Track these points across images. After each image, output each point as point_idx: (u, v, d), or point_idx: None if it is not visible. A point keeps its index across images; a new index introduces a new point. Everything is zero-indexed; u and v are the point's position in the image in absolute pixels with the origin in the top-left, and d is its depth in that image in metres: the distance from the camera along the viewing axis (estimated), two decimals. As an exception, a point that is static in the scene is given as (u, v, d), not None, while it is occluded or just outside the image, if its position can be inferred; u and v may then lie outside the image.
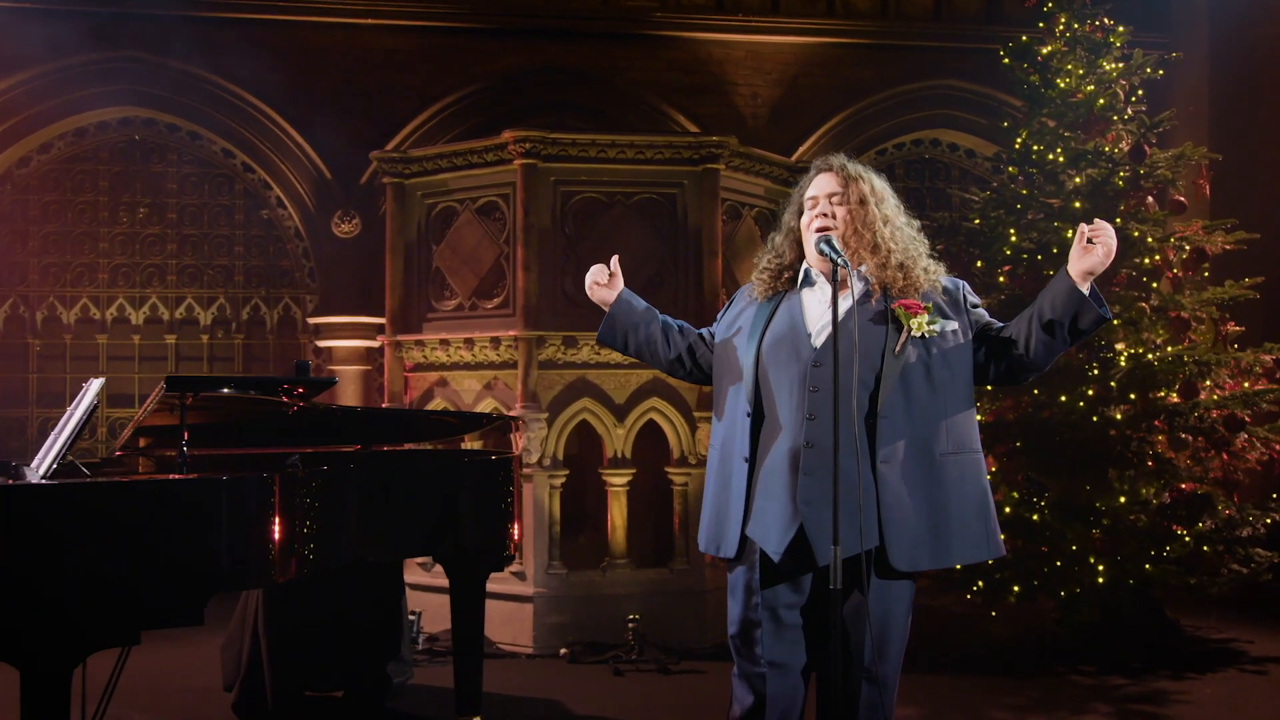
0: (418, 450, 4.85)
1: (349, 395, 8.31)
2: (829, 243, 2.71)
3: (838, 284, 2.67)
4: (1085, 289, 2.60)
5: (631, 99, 8.57)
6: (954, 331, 2.71)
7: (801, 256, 2.86)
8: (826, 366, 2.65)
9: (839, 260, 2.69)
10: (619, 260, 3.06)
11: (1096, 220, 2.62)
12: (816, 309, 2.78)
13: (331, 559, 3.47)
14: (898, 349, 2.62)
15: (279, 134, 8.28)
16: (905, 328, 2.64)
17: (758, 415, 2.76)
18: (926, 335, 2.65)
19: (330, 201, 8.28)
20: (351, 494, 3.61)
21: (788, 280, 2.87)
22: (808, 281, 2.83)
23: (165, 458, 4.16)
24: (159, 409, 3.35)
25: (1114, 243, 2.58)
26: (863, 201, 2.74)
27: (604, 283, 2.96)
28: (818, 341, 2.76)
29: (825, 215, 2.77)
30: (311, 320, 8.44)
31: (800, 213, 2.84)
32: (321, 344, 8.41)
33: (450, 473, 4.06)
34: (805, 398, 2.69)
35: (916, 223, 2.86)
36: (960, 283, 2.77)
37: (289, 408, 3.50)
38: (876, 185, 2.79)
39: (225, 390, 3.28)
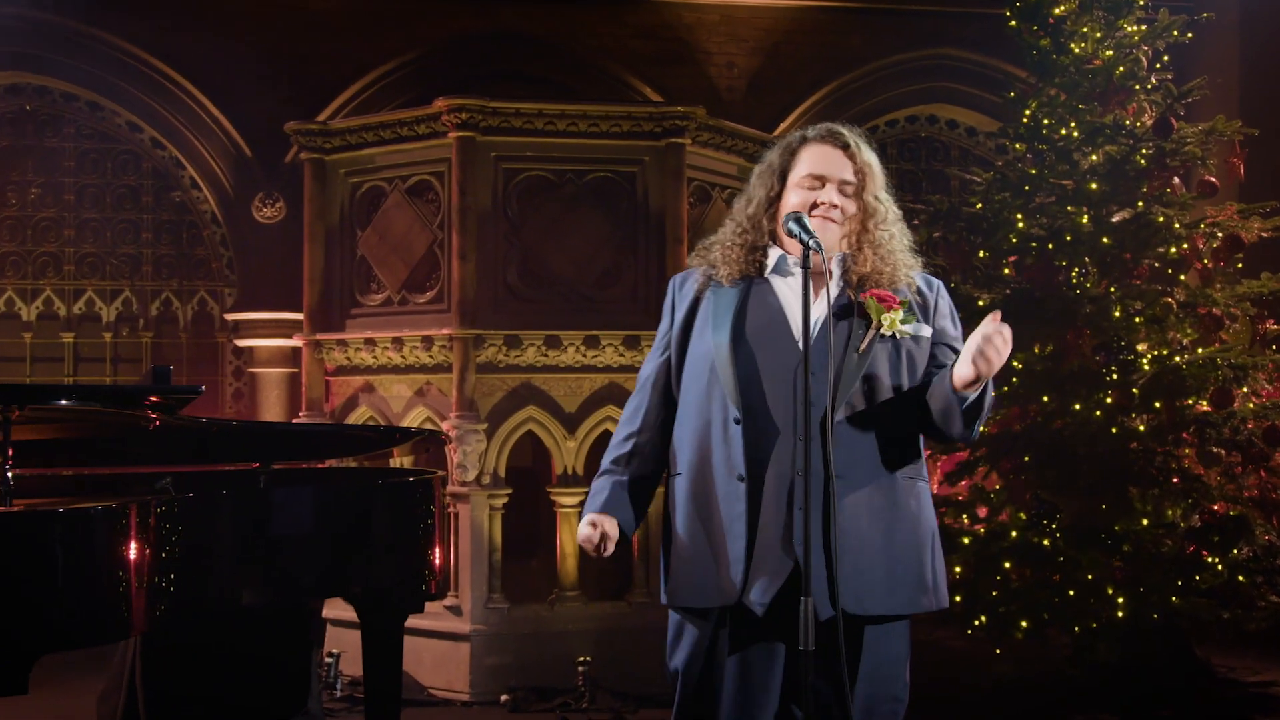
0: (318, 470, 4.62)
1: (272, 401, 8.13)
2: (799, 221, 2.55)
3: (809, 271, 2.53)
4: (958, 396, 2.50)
5: (592, 69, 8.44)
6: (926, 338, 2.62)
7: (775, 237, 2.70)
8: (818, 376, 2.51)
9: (810, 243, 2.51)
10: (571, 246, 2.90)
11: (998, 321, 2.42)
12: (793, 303, 2.62)
13: (198, 607, 3.12)
14: (863, 345, 2.53)
15: (193, 106, 8.09)
16: (875, 322, 2.55)
17: (747, 424, 2.56)
18: (897, 335, 2.56)
19: (251, 183, 8.10)
20: (226, 525, 3.33)
21: (758, 263, 2.68)
22: (782, 269, 2.67)
23: (46, 477, 3.82)
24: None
25: (1003, 357, 2.45)
26: (877, 197, 2.64)
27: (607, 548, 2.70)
28: (804, 343, 2.57)
29: (835, 207, 2.61)
30: (230, 316, 8.26)
31: (784, 178, 2.66)
32: (241, 343, 8.22)
33: (356, 498, 3.80)
34: (796, 413, 2.52)
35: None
36: (937, 284, 2.62)
37: (148, 422, 3.12)
38: (878, 168, 2.68)
39: (63, 402, 2.89)
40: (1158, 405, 5.52)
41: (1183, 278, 5.81)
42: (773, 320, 2.62)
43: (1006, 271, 6.10)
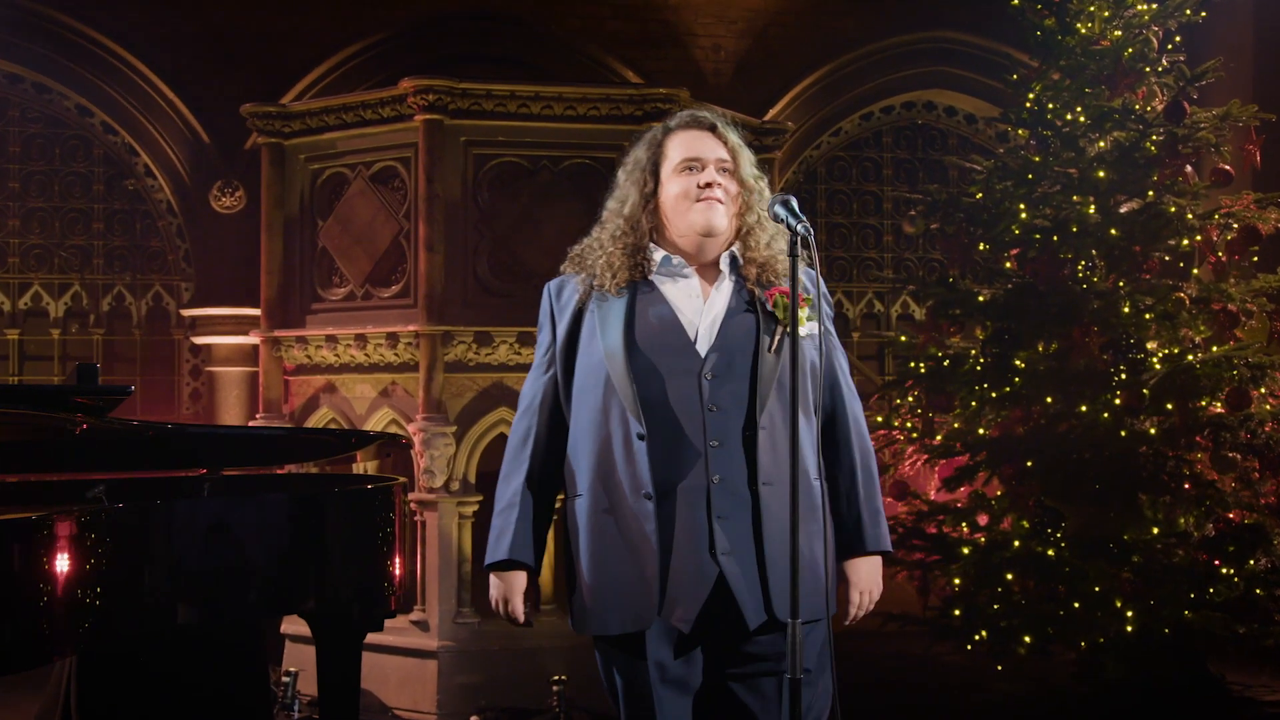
0: (269, 477, 4.51)
1: (232, 402, 8.05)
2: (788, 205, 2.50)
3: (796, 261, 2.46)
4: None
5: (570, 51, 8.37)
6: (824, 334, 2.68)
7: (656, 236, 2.71)
8: (723, 379, 2.56)
9: (799, 229, 2.45)
10: (546, 237, 2.99)
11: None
12: (686, 304, 2.65)
13: (129, 627, 3.00)
14: (773, 346, 2.59)
15: (146, 89, 7.98)
16: (783, 320, 2.59)
17: (651, 438, 2.58)
18: (802, 334, 2.56)
19: (209, 171, 8.01)
20: (161, 538, 3.19)
21: (643, 266, 2.68)
22: (668, 270, 2.67)
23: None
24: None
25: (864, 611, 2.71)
26: (755, 178, 2.70)
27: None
28: (703, 346, 2.62)
29: (719, 186, 2.66)
30: (186, 312, 8.18)
31: (657, 174, 2.68)
32: (199, 340, 8.13)
33: (308, 507, 3.67)
34: (704, 420, 2.55)
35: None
36: (815, 275, 2.62)
37: (74, 426, 2.96)
38: (747, 149, 2.74)
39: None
40: (1169, 407, 5.48)
41: (1195, 271, 5.77)
42: (666, 325, 2.63)
43: (1008, 265, 6.06)
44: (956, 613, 5.57)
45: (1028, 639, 5.44)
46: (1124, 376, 5.49)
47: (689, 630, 2.54)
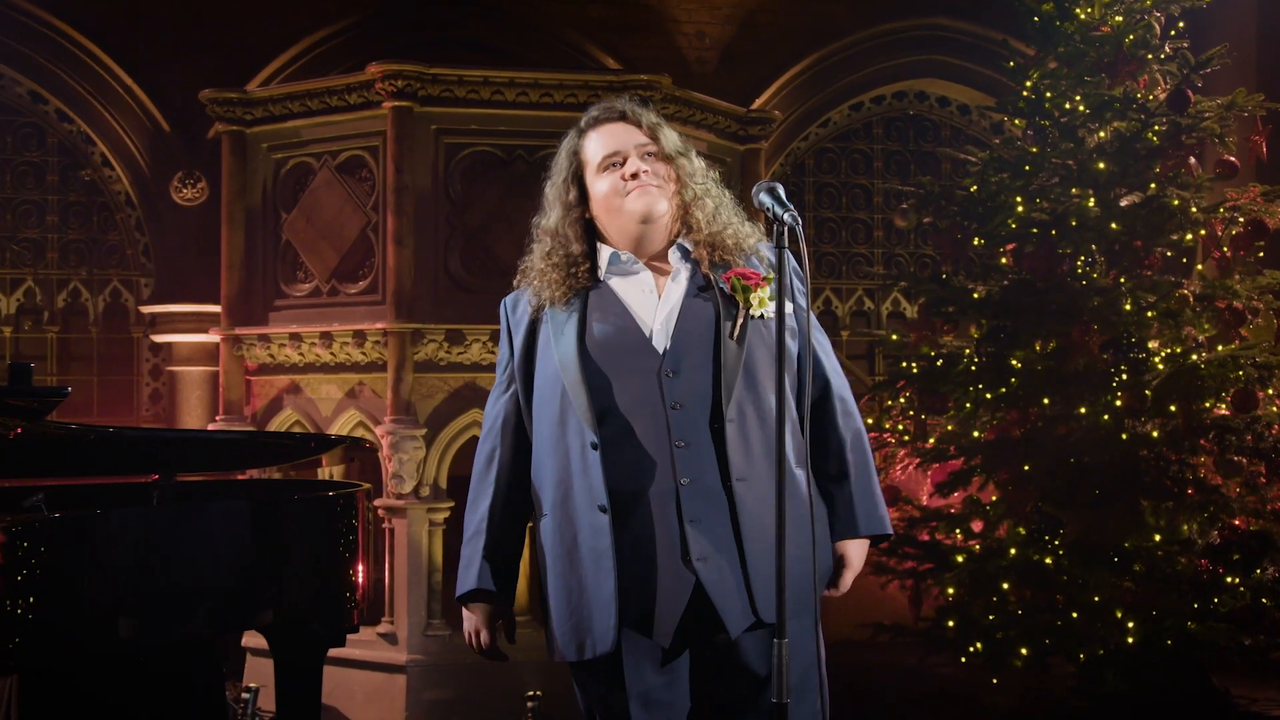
0: (226, 483, 4.50)
1: (194, 403, 7.91)
2: (773, 192, 2.44)
3: (784, 248, 2.39)
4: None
5: (549, 38, 8.28)
6: (798, 310, 2.64)
7: (593, 240, 2.67)
8: (683, 374, 2.52)
9: (786, 217, 2.38)
10: (521, 231, 2.88)
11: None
12: (639, 301, 2.62)
13: (67, 643, 2.89)
14: (734, 333, 2.54)
15: (104, 75, 7.85)
16: (742, 304, 2.55)
17: (605, 449, 2.53)
18: (766, 315, 2.57)
19: (170, 161, 7.89)
20: (103, 549, 3.11)
21: (586, 274, 2.63)
22: (618, 268, 2.64)
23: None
24: None
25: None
26: (681, 153, 2.65)
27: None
28: (660, 342, 2.57)
29: (646, 172, 2.60)
30: (146, 309, 8.04)
31: (580, 181, 2.66)
32: (159, 339, 8.01)
33: (265, 516, 3.59)
34: (667, 419, 2.50)
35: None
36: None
37: (6, 429, 2.84)
38: (668, 126, 2.71)
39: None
40: (1173, 409, 5.43)
41: (1199, 267, 5.74)
42: (619, 325, 2.60)
43: (1004, 261, 5.99)
44: (950, 624, 5.52)
45: (1025, 651, 5.40)
46: (1125, 377, 5.45)
47: (668, 644, 2.49)
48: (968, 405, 5.82)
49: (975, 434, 5.86)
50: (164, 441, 3.99)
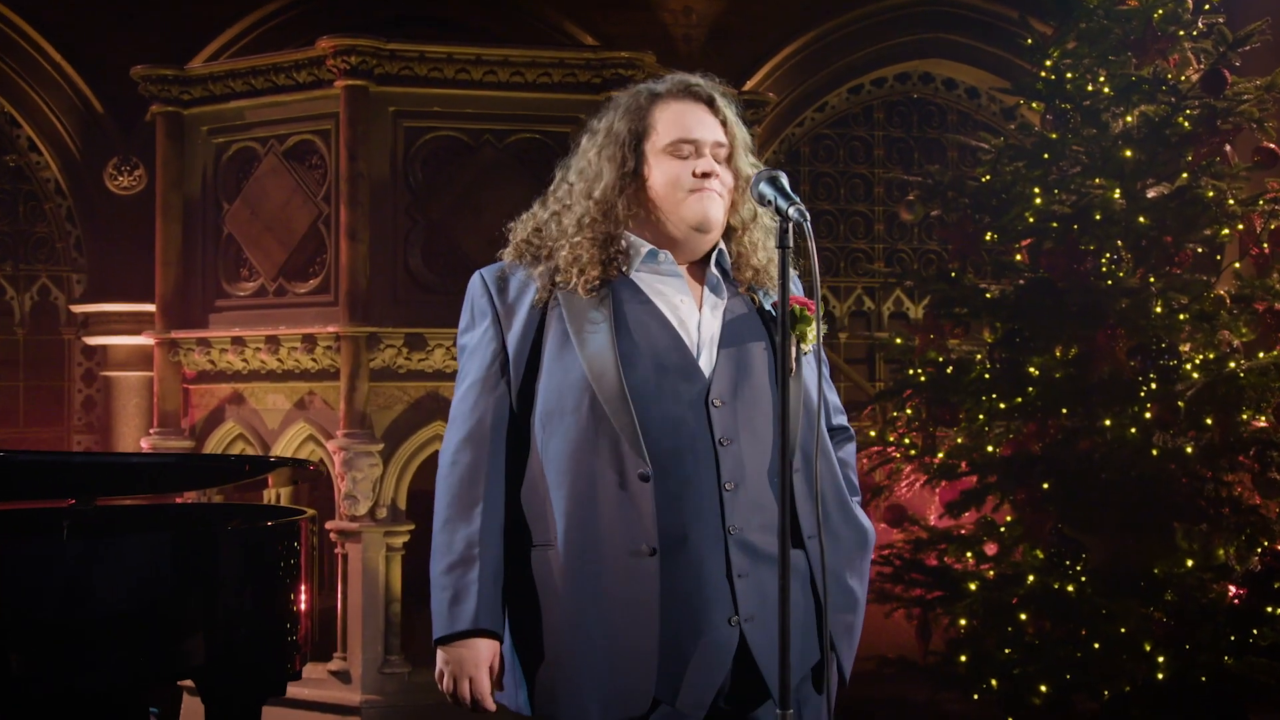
0: (149, 509, 4.43)
1: (131, 411, 7.96)
2: (775, 183, 2.31)
3: (787, 248, 2.27)
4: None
5: (523, 14, 8.40)
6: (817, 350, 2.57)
7: (632, 224, 2.49)
8: (732, 406, 2.38)
9: (792, 212, 2.25)
10: (489, 224, 2.88)
11: None
12: (679, 311, 2.45)
13: None
14: (792, 368, 2.41)
15: (30, 51, 7.89)
16: (796, 337, 2.41)
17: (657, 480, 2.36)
18: (809, 349, 2.48)
19: (104, 146, 7.93)
20: None
21: (619, 263, 2.46)
22: (653, 265, 2.47)
23: None
24: None
25: None
26: (753, 165, 2.53)
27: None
28: (706, 364, 2.41)
29: (717, 178, 2.47)
30: (78, 309, 8.07)
31: (639, 157, 2.47)
32: (92, 341, 8.06)
33: (191, 549, 3.46)
34: (716, 456, 2.35)
35: None
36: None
37: None
38: (745, 130, 2.58)
39: None
40: (1208, 421, 5.33)
41: (1237, 266, 5.66)
42: (662, 336, 2.42)
43: (1019, 258, 5.92)
44: (963, 658, 5.41)
45: (1044, 688, 5.28)
46: (1155, 386, 5.34)
47: (701, 717, 2.35)
48: (980, 417, 5.73)
49: (989, 448, 5.80)
50: (75, 467, 3.85)
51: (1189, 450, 5.34)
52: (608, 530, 2.32)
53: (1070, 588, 5.28)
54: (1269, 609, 5.19)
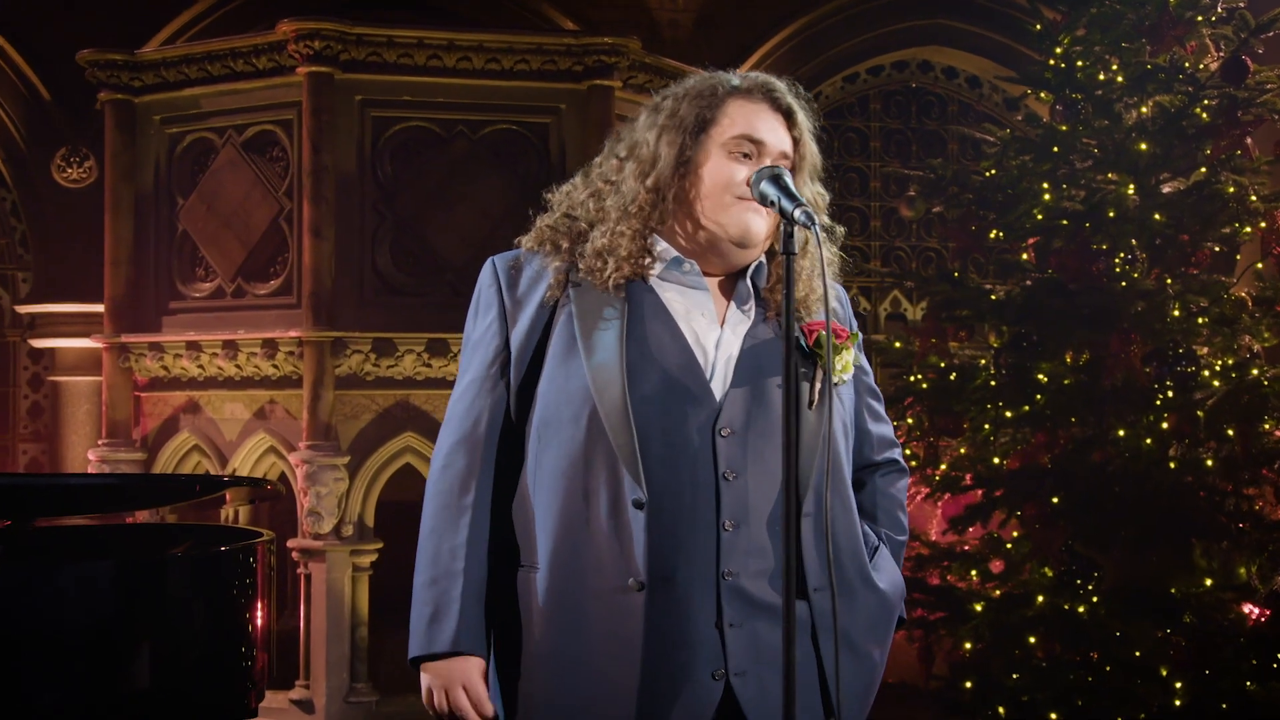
0: (92, 530, 4.34)
1: (81, 418, 7.81)
2: (778, 180, 2.25)
3: (792, 254, 2.18)
4: None
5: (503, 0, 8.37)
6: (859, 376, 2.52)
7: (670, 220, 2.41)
8: (742, 437, 2.29)
9: (797, 213, 2.18)
10: (462, 221, 3.00)
11: None
12: (697, 326, 2.36)
13: None
14: (813, 401, 2.35)
15: None
16: (823, 367, 2.35)
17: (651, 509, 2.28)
18: (839, 381, 2.42)
19: (51, 136, 7.82)
20: None
21: (646, 263, 2.36)
22: (675, 274, 2.38)
23: None
24: None
25: None
26: (812, 177, 2.46)
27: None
28: (718, 388, 2.32)
29: None
30: (23, 309, 7.98)
31: (697, 145, 2.37)
32: (39, 343, 7.93)
33: (135, 577, 3.38)
34: (717, 490, 2.27)
35: None
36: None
37: None
38: (816, 150, 2.51)
39: None
40: (1229, 432, 5.31)
41: (1259, 266, 5.65)
42: (673, 351, 2.33)
43: (1025, 257, 5.90)
44: (968, 684, 5.37)
45: (1054, 716, 5.24)
46: (1171, 394, 5.32)
47: None
48: (985, 426, 5.71)
49: (995, 460, 5.81)
50: (7, 490, 3.79)
51: (1208, 462, 5.33)
52: (594, 558, 2.25)
53: (1082, 608, 5.26)
54: (1294, 632, 5.25)
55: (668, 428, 2.27)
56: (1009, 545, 5.66)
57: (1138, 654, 5.17)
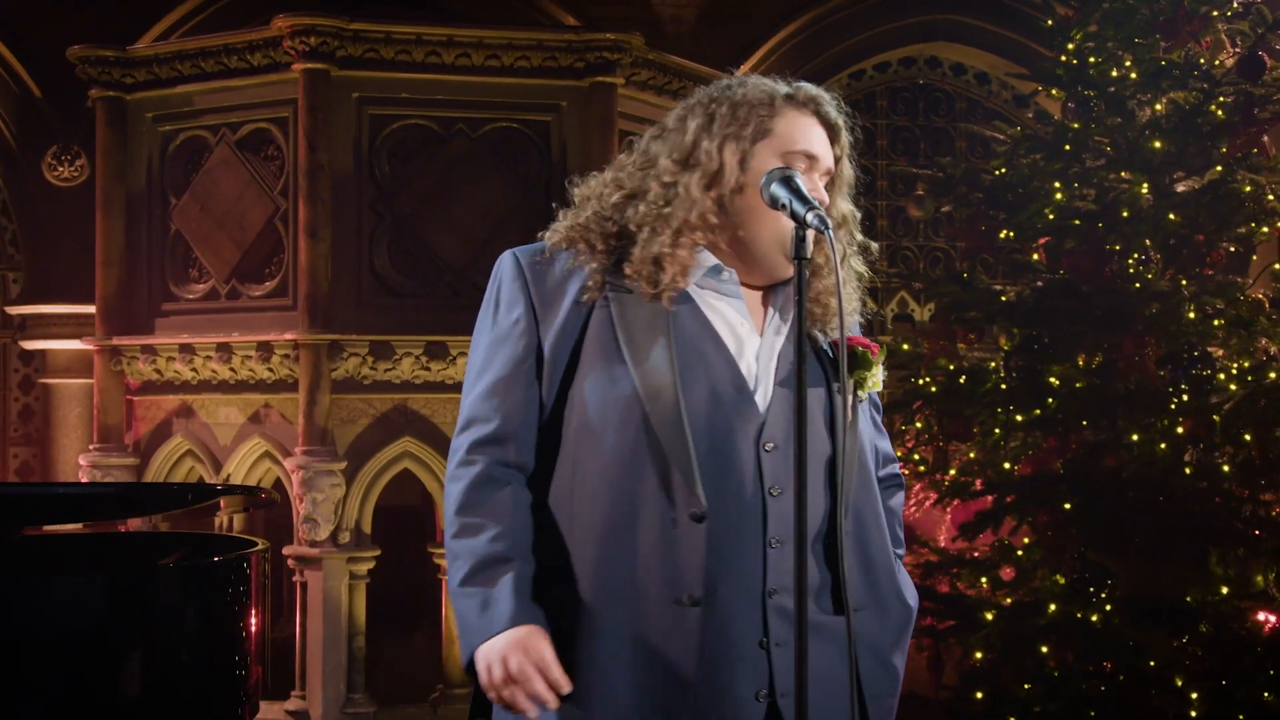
0: (80, 536, 4.37)
1: (73, 421, 7.89)
2: (789, 183, 2.21)
3: (804, 259, 2.16)
4: None
5: None
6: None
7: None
8: (784, 451, 2.24)
9: (810, 216, 2.15)
10: (462, 221, 3.02)
11: None
12: (737, 337, 2.32)
13: None
14: (850, 415, 2.34)
15: None
16: (853, 381, 2.35)
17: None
18: (865, 395, 2.43)
19: (42, 133, 7.90)
20: None
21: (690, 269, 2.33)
22: (713, 284, 2.33)
23: None
24: None
25: None
26: (852, 213, 2.46)
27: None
28: (761, 400, 2.28)
29: (821, 204, 2.36)
30: (14, 310, 8.05)
31: (754, 152, 2.32)
32: (30, 345, 8.02)
33: (123, 589, 3.34)
34: (764, 506, 2.22)
35: None
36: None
37: None
38: (851, 168, 2.50)
39: None
40: (1246, 438, 5.24)
41: (1277, 266, 5.61)
42: (719, 363, 2.28)
43: (1036, 257, 5.83)
44: (979, 694, 5.32)
45: None
46: (1187, 398, 5.27)
47: None
48: (996, 430, 5.67)
49: (1005, 465, 5.77)
50: None
51: (1225, 468, 5.29)
52: (645, 570, 2.20)
53: (1095, 617, 5.20)
54: (1313, 641, 5.23)
55: (716, 440, 2.23)
56: (1020, 552, 5.64)
57: (1152, 664, 5.11)
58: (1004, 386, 5.56)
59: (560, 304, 2.27)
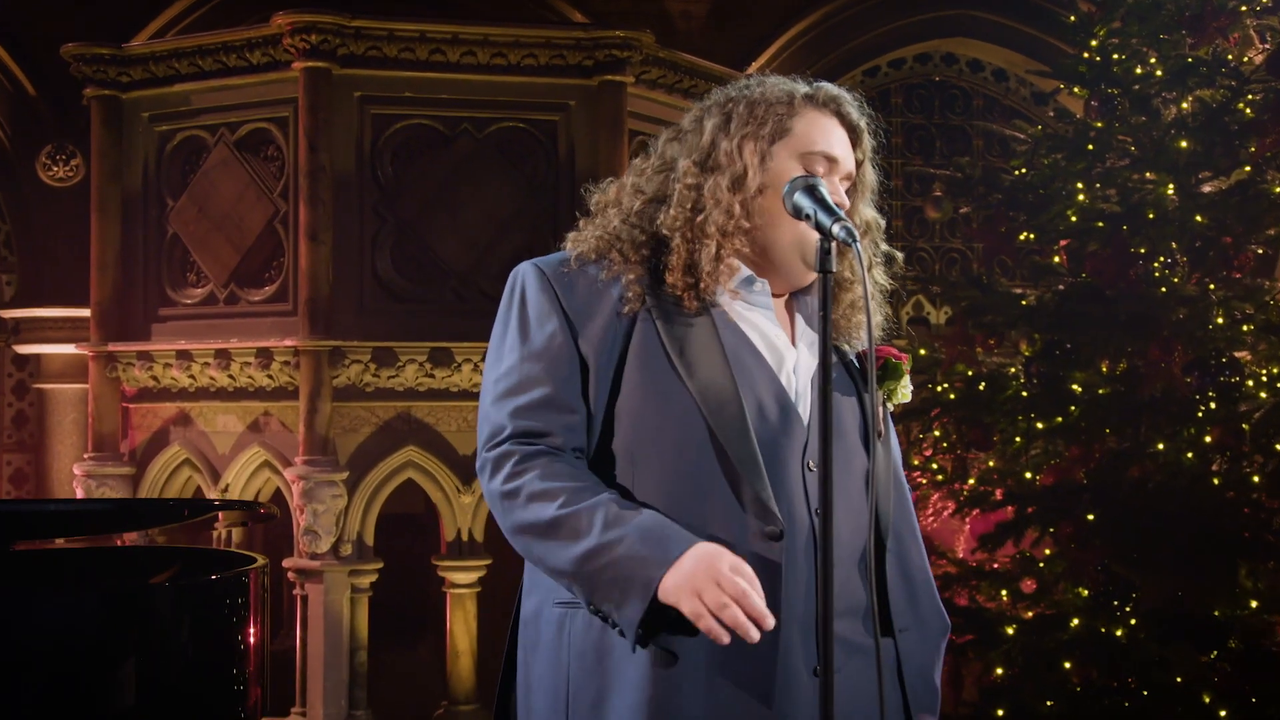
0: (68, 551, 4.36)
1: (68, 427, 7.89)
2: (813, 192, 2.18)
3: (829, 272, 2.11)
4: None
5: None
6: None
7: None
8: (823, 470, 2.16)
9: (836, 228, 2.11)
10: (467, 224, 3.01)
11: None
12: (775, 350, 2.29)
13: None
14: (882, 428, 2.35)
15: None
16: (884, 392, 2.35)
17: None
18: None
19: (37, 132, 7.90)
20: None
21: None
22: (745, 294, 2.30)
23: None
24: None
25: None
26: (875, 220, 2.47)
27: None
28: (804, 413, 2.25)
29: (844, 209, 2.33)
30: (7, 313, 8.01)
31: (773, 152, 2.29)
32: (24, 349, 7.99)
33: (116, 608, 3.27)
34: (812, 528, 2.19)
35: None
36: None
37: None
38: (873, 173, 2.51)
39: None
40: (1277, 447, 5.25)
41: None
42: (757, 373, 2.25)
43: (1057, 260, 5.85)
44: (1000, 711, 5.32)
45: None
46: (1215, 406, 5.25)
47: None
48: (1017, 439, 5.66)
49: (1026, 474, 5.79)
50: None
51: (1254, 478, 5.27)
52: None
53: (1119, 631, 5.21)
54: (1346, 657, 5.21)
55: (768, 458, 2.18)
56: (1041, 564, 5.62)
57: (1179, 679, 5.11)
58: (1025, 393, 5.56)
59: (597, 316, 2.21)
